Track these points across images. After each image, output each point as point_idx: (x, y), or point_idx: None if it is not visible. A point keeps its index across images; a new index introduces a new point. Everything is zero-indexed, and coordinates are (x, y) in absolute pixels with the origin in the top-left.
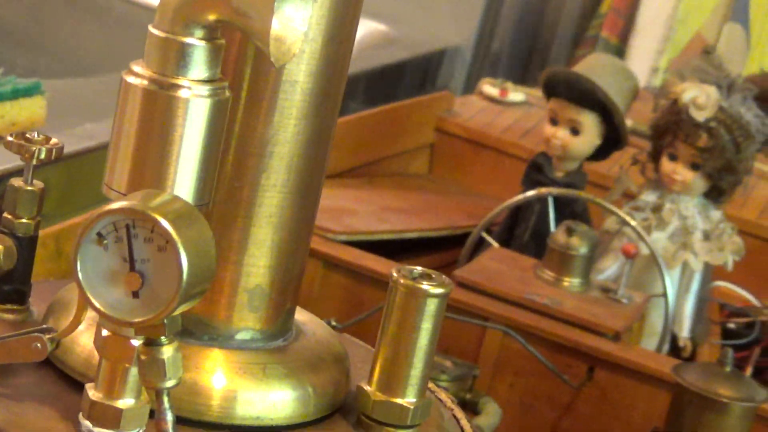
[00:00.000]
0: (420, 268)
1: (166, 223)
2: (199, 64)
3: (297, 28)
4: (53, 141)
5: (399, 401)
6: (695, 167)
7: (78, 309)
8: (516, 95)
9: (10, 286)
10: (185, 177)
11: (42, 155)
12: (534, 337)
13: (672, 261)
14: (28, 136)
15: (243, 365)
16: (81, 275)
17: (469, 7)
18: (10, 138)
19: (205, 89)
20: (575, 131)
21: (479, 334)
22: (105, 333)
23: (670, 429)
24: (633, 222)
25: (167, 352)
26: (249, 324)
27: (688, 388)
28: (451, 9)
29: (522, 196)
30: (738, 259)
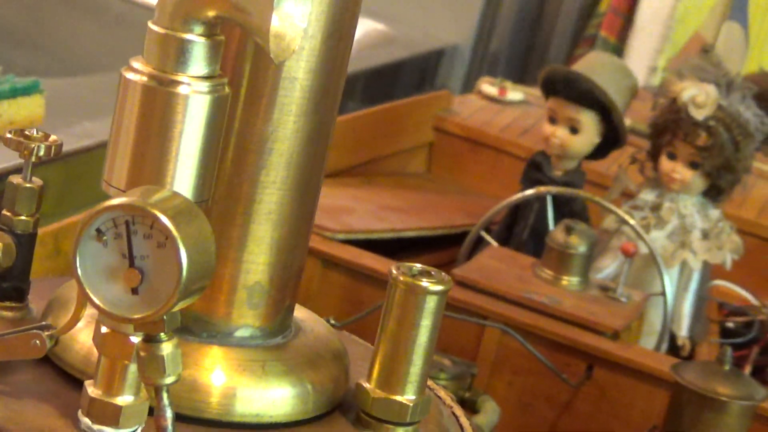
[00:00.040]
0: (419, 265)
1: (165, 219)
2: (199, 60)
3: (296, 24)
4: (52, 138)
5: (398, 398)
6: (694, 166)
7: (77, 306)
8: (515, 94)
9: (8, 283)
10: (185, 174)
11: (41, 152)
12: (533, 336)
13: (671, 260)
14: (27, 133)
15: (242, 362)
16: (80, 271)
17: (468, 7)
18: (9, 135)
19: (205, 86)
20: (574, 130)
21: (478, 332)
22: (104, 330)
23: (668, 428)
24: (632, 221)
25: (167, 348)
26: (248, 321)
27: (686, 386)
28: (450, 8)
29: (521, 194)
30: (737, 258)
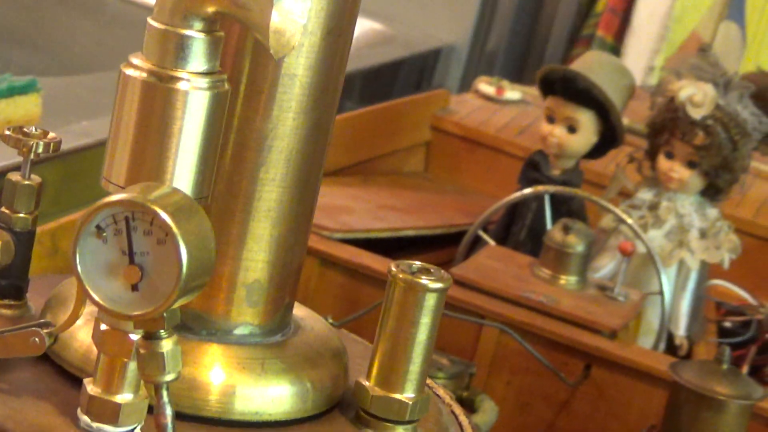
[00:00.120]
0: (419, 262)
1: (165, 216)
2: (199, 56)
3: (296, 20)
4: (51, 135)
5: (398, 397)
6: (692, 165)
7: (76, 303)
8: (512, 93)
9: (7, 281)
10: (184, 170)
11: (39, 149)
12: (530, 335)
13: (668, 259)
14: (25, 130)
15: (241, 360)
16: (80, 268)
17: (465, 6)
18: (7, 132)
19: (204, 82)
20: (572, 129)
21: (476, 331)
22: (103, 327)
23: (666, 427)
24: (629, 220)
25: (166, 345)
26: (247, 319)
27: (684, 385)
28: (447, 7)
29: (519, 193)
30: (734, 258)
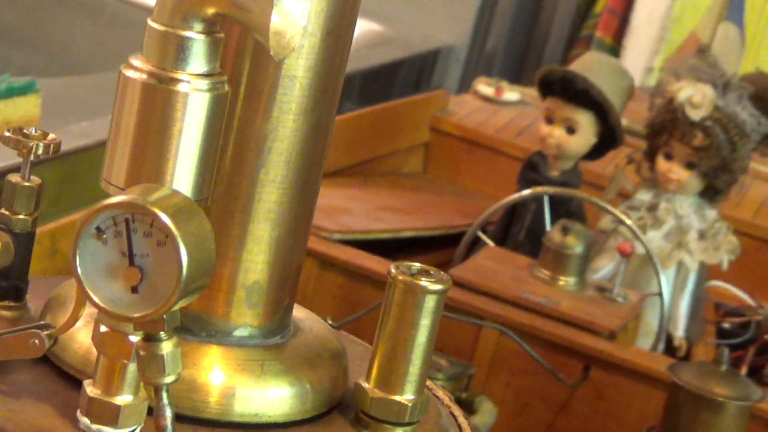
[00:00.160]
0: (418, 264)
1: (165, 218)
2: (198, 57)
3: (296, 21)
4: (51, 136)
5: (397, 398)
6: (691, 166)
7: (76, 305)
8: (511, 94)
9: (7, 282)
10: (184, 172)
11: (39, 151)
12: (529, 336)
13: (667, 260)
14: (25, 131)
15: (241, 362)
16: (80, 270)
17: (464, 7)
18: (7, 133)
19: (204, 83)
20: (571, 130)
21: (475, 333)
22: (103, 329)
23: (665, 428)
24: (628, 221)
25: (166, 347)
26: (247, 320)
27: (683, 387)
28: (446, 8)
29: (518, 195)
30: (733, 259)
